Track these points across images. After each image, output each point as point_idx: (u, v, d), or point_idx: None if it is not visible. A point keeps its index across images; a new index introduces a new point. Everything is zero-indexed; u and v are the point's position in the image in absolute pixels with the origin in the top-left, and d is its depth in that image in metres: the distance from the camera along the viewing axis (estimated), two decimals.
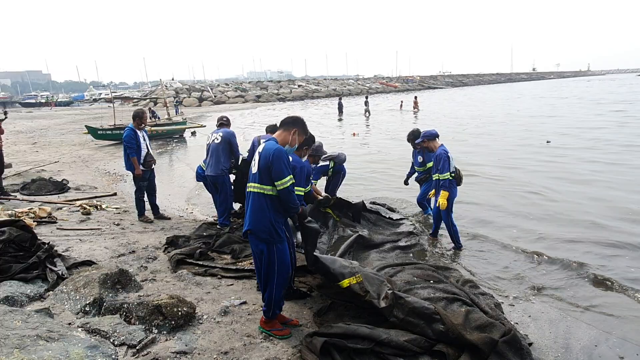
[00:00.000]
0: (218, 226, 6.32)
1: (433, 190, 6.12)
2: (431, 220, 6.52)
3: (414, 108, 31.05)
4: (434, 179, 5.92)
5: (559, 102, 33.44)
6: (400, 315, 3.34)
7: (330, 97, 60.09)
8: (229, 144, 6.30)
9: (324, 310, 3.87)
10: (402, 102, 33.55)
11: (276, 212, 3.31)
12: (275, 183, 3.22)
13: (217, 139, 6.29)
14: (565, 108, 28.33)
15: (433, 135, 5.87)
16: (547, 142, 14.60)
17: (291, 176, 3.24)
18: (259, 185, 3.28)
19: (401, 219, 6.59)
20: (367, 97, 31.87)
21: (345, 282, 3.64)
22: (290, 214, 3.46)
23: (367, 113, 29.20)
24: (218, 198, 6.52)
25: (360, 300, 3.49)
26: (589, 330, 3.90)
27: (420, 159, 6.92)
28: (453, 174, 5.60)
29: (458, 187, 5.82)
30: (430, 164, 6.58)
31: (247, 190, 3.42)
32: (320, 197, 6.02)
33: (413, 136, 6.77)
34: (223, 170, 6.30)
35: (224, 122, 6.66)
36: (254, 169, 3.34)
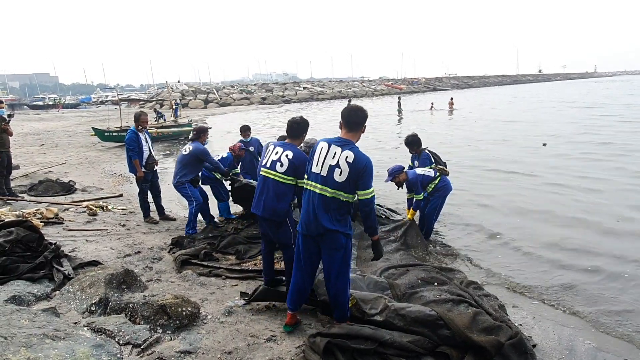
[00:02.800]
0: (184, 234, 6.19)
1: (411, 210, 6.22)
2: None
3: (450, 108, 31.29)
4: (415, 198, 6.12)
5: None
6: (402, 325, 3.35)
7: (335, 99, 60.17)
8: (196, 159, 6.23)
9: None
10: (432, 103, 33.32)
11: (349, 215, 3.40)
12: (360, 192, 3.24)
13: (186, 151, 6.28)
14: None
15: (399, 171, 6.06)
16: (543, 144, 14.61)
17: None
18: (337, 191, 3.24)
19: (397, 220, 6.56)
20: (400, 99, 32.11)
21: None
22: (369, 225, 3.44)
23: (399, 114, 29.53)
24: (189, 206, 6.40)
25: (362, 321, 3.50)
26: (593, 332, 3.89)
27: (416, 163, 6.70)
28: (432, 186, 6.01)
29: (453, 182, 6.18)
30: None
31: (314, 191, 3.31)
32: None
33: (407, 140, 6.64)
34: (179, 181, 6.23)
35: (194, 135, 6.49)
36: (339, 175, 3.21)
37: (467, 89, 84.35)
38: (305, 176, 3.44)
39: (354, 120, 3.31)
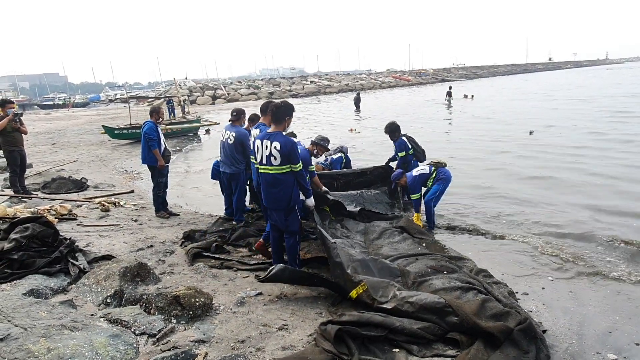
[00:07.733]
0: (234, 222, 6.38)
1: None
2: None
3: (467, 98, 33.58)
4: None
5: None
6: (411, 311, 3.39)
7: (342, 92, 59.96)
8: (241, 145, 6.19)
9: (339, 300, 3.93)
10: (465, 95, 35.73)
11: None
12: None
13: (231, 139, 6.21)
14: None
15: (399, 176, 6.67)
16: (530, 132, 14.59)
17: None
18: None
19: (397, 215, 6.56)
20: (450, 88, 33.46)
21: (353, 294, 3.74)
22: None
23: (449, 103, 30.45)
24: (234, 195, 6.49)
25: (372, 308, 3.57)
26: (603, 317, 3.88)
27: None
28: (432, 180, 6.31)
29: (453, 175, 6.45)
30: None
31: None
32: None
33: (389, 129, 7.11)
34: (238, 168, 6.29)
35: (233, 118, 6.38)
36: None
37: (476, 79, 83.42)
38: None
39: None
